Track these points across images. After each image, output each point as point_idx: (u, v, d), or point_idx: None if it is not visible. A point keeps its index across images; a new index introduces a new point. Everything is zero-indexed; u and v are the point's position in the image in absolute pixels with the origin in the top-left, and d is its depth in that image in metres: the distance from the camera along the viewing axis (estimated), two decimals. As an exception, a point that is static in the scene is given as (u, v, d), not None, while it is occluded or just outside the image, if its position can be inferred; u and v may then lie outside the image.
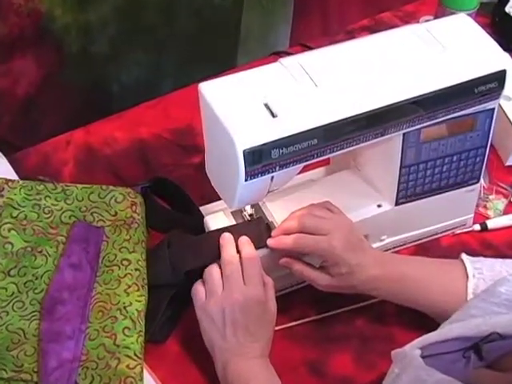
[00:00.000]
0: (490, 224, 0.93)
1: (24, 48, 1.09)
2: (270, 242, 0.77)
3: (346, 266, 0.75)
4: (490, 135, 0.83)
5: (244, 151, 0.67)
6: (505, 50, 0.77)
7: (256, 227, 0.79)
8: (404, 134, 0.78)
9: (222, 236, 0.77)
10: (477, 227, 0.93)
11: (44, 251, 0.79)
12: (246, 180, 0.69)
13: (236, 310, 0.72)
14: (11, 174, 0.95)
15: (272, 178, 0.72)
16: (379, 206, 0.85)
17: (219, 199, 0.82)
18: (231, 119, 0.69)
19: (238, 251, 0.76)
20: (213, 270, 0.75)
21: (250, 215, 0.82)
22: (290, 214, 0.78)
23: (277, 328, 0.77)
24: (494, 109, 0.81)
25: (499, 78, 0.76)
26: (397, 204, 0.85)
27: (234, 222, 0.82)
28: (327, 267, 0.76)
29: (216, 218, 0.82)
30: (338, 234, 0.75)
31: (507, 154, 1.00)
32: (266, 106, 0.70)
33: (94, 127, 1.08)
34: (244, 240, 0.77)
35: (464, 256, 0.79)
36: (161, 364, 0.79)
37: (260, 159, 0.68)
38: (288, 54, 1.17)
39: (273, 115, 0.69)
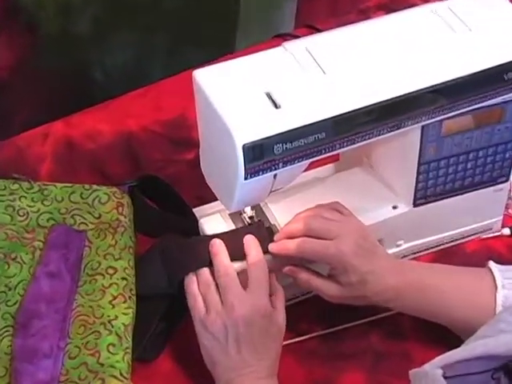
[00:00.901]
0: (521, 228, 0.94)
1: (-7, 28, 1.09)
2: (271, 247, 0.78)
3: (357, 274, 0.75)
4: (521, 128, 0.83)
5: (243, 146, 0.67)
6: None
7: (257, 231, 0.79)
8: (423, 127, 0.78)
9: (212, 243, 0.77)
10: (506, 231, 0.94)
11: (18, 258, 0.79)
12: (245, 178, 0.69)
13: (239, 324, 0.72)
14: (-19, 172, 0.96)
15: (275, 176, 0.72)
16: (395, 207, 0.85)
17: (216, 200, 0.82)
18: (229, 110, 0.69)
19: (243, 255, 0.76)
20: (209, 280, 0.75)
21: (251, 218, 0.83)
22: (294, 216, 0.78)
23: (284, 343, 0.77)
24: (525, 98, 0.81)
25: (532, 63, 0.76)
26: (415, 205, 0.85)
27: (232, 226, 0.82)
28: (336, 276, 0.76)
29: (212, 221, 0.82)
30: (347, 239, 0.75)
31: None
32: (268, 95, 0.70)
33: (75, 119, 1.08)
34: (251, 241, 0.77)
35: (492, 264, 0.79)
36: (150, 385, 0.79)
37: (261, 155, 0.68)
38: (293, 36, 1.17)
39: (276, 106, 0.69)
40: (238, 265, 0.76)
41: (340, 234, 0.75)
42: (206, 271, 0.76)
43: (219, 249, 0.76)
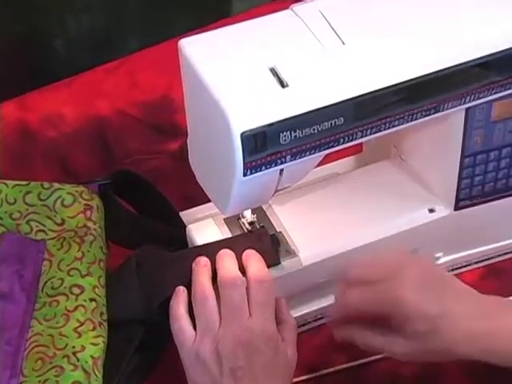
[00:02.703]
0: None
1: None
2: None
3: (425, 321, 0.70)
4: None
5: (242, 134, 0.67)
6: None
7: (258, 241, 0.80)
8: (467, 110, 0.78)
9: (221, 252, 0.77)
10: None
11: (-40, 275, 0.80)
12: (244, 175, 0.70)
13: (238, 353, 0.72)
14: None
15: (281, 171, 0.73)
16: (432, 210, 0.86)
17: (208, 201, 0.82)
18: (224, 90, 0.69)
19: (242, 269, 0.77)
20: (209, 297, 0.75)
21: (251, 224, 0.83)
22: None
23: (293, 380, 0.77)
24: None
25: None
26: (457, 208, 0.86)
27: (228, 234, 0.83)
28: (398, 327, 0.71)
29: (203, 227, 0.83)
30: (402, 276, 0.71)
31: None
32: (273, 71, 0.70)
33: (32, 99, 1.09)
34: (251, 254, 0.77)
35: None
36: (125, 433, 0.80)
37: (264, 146, 0.69)
38: (304, -5, 1.18)
39: (282, 84, 0.69)
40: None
41: (389, 272, 0.72)
42: (204, 286, 0.76)
43: (228, 254, 0.77)
